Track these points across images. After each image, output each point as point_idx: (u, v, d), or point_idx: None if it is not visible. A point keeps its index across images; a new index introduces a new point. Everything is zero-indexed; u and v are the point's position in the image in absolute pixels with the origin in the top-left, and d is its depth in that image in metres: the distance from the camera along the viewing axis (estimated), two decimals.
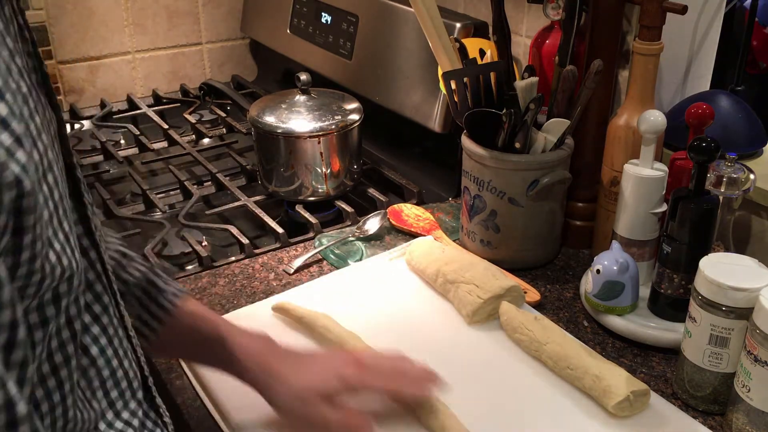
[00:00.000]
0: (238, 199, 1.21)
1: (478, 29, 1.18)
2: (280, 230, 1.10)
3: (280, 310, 0.90)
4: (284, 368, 0.69)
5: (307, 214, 1.16)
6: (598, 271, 0.87)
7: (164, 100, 1.65)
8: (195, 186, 1.28)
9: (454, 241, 1.08)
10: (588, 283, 0.90)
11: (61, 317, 0.44)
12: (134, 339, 0.56)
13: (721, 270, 0.73)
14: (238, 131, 1.49)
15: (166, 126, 1.50)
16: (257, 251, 1.07)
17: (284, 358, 0.71)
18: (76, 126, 1.54)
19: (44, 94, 0.46)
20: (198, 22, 1.69)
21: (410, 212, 1.14)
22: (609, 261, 0.87)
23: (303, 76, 1.21)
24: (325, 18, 1.44)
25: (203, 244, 1.10)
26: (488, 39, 1.16)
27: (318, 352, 0.74)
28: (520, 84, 0.96)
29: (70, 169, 0.49)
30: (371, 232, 1.10)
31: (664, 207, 0.89)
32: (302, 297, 0.94)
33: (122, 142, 1.50)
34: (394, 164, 1.33)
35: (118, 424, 0.53)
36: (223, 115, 1.56)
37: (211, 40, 1.73)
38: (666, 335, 0.86)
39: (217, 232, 1.14)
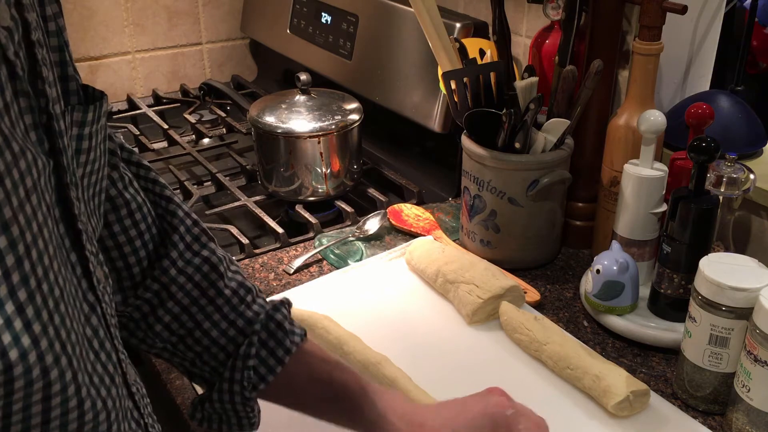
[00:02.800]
0: (238, 199, 1.21)
1: (478, 29, 1.18)
2: (280, 230, 1.10)
3: None
4: (432, 419, 0.65)
5: (307, 214, 1.16)
6: (598, 271, 0.87)
7: (164, 100, 1.65)
8: (195, 186, 1.28)
9: (454, 241, 1.08)
10: (588, 283, 0.90)
11: None
12: (136, 396, 0.53)
13: (721, 270, 0.73)
14: (238, 131, 1.49)
15: (166, 126, 1.50)
16: (257, 251, 1.07)
17: (429, 410, 0.67)
18: None
19: (45, 135, 0.44)
20: (198, 22, 1.69)
21: (410, 212, 1.14)
22: (609, 261, 0.87)
23: (303, 76, 1.21)
24: (325, 18, 1.44)
25: None
26: (488, 39, 1.16)
27: (463, 398, 0.68)
28: (520, 84, 0.96)
29: (73, 221, 0.46)
30: (371, 232, 1.10)
31: (664, 207, 0.89)
32: (302, 297, 0.94)
33: None
34: (394, 164, 1.33)
35: None
36: (223, 115, 1.56)
37: (211, 40, 1.73)
38: (666, 335, 0.86)
39: (217, 232, 1.14)
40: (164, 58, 1.68)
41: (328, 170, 1.19)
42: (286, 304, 0.69)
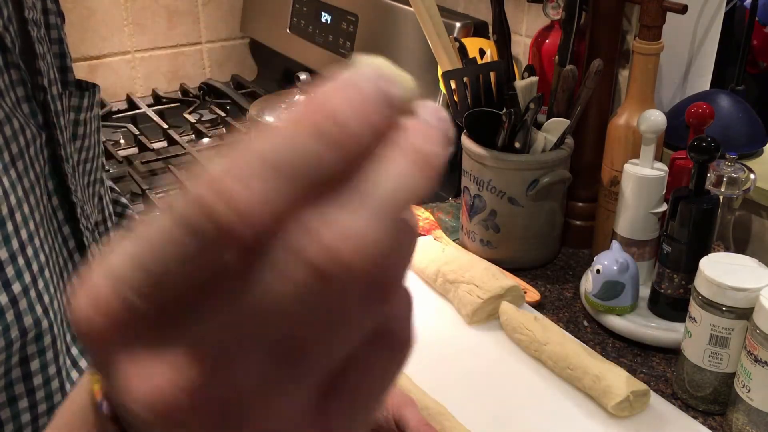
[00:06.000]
0: None
1: (478, 29, 1.18)
2: None
3: None
4: None
5: None
6: (598, 271, 0.87)
7: (164, 100, 1.65)
8: None
9: (454, 241, 1.08)
10: (588, 283, 0.90)
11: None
12: None
13: (721, 270, 0.73)
14: (238, 131, 1.49)
15: (165, 126, 1.49)
16: None
17: None
18: None
19: (40, 109, 0.44)
20: (198, 22, 1.69)
21: None
22: (609, 261, 0.87)
23: (303, 76, 1.20)
24: (325, 17, 1.44)
25: None
26: (488, 38, 1.16)
27: None
28: (520, 84, 0.96)
29: (66, 193, 0.47)
30: None
31: (664, 207, 0.89)
32: None
33: (122, 141, 1.50)
34: None
35: None
36: (223, 114, 1.56)
37: (210, 40, 1.73)
38: (666, 335, 0.86)
39: None
40: (164, 57, 1.68)
41: None
42: None
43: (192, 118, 1.54)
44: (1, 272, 0.39)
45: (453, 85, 0.98)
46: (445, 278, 0.93)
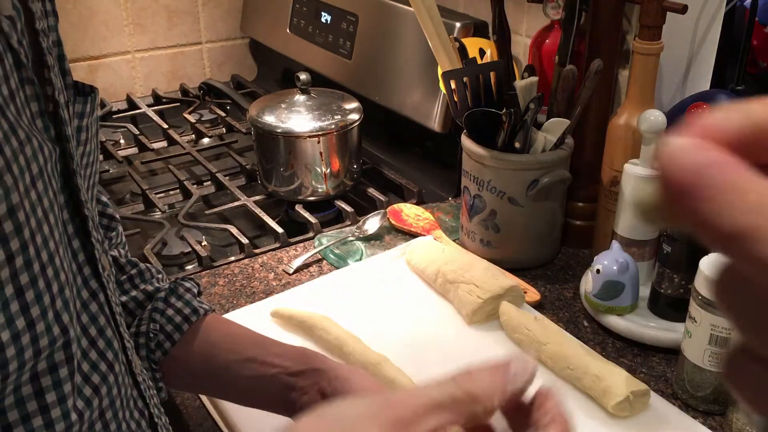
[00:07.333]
0: (238, 199, 1.21)
1: (478, 29, 1.18)
2: (279, 230, 1.10)
3: (279, 317, 0.90)
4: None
5: (306, 214, 1.16)
6: (598, 271, 0.87)
7: (164, 100, 1.65)
8: (195, 186, 1.28)
9: (454, 241, 1.08)
10: (588, 283, 0.90)
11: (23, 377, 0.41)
12: (142, 385, 0.54)
13: None
14: (238, 131, 1.49)
15: (165, 126, 1.50)
16: (257, 251, 1.07)
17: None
18: None
19: (51, 123, 0.44)
20: (198, 22, 1.69)
21: (410, 212, 1.14)
22: (609, 261, 0.87)
23: (303, 76, 1.20)
24: (325, 17, 1.44)
25: (203, 243, 1.10)
26: (488, 38, 1.16)
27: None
28: (520, 84, 0.96)
29: (77, 207, 0.47)
30: (371, 231, 1.10)
31: None
32: (302, 297, 0.94)
33: (122, 141, 1.50)
34: (394, 164, 1.32)
35: None
36: (223, 114, 1.56)
37: (210, 40, 1.73)
38: (666, 335, 0.86)
39: (217, 231, 1.14)
40: (164, 57, 1.68)
41: (328, 170, 1.19)
42: (195, 280, 0.71)
43: (192, 118, 1.54)
44: (21, 297, 0.39)
45: (453, 85, 0.98)
46: (445, 278, 0.93)
